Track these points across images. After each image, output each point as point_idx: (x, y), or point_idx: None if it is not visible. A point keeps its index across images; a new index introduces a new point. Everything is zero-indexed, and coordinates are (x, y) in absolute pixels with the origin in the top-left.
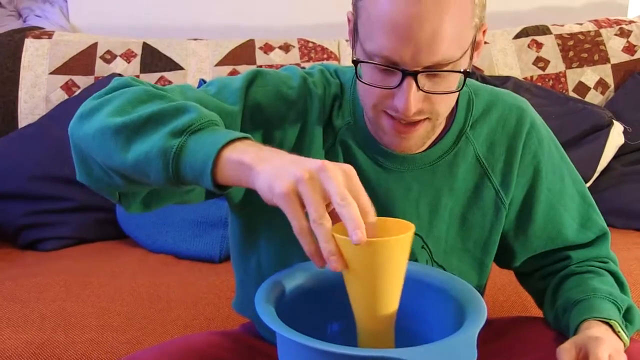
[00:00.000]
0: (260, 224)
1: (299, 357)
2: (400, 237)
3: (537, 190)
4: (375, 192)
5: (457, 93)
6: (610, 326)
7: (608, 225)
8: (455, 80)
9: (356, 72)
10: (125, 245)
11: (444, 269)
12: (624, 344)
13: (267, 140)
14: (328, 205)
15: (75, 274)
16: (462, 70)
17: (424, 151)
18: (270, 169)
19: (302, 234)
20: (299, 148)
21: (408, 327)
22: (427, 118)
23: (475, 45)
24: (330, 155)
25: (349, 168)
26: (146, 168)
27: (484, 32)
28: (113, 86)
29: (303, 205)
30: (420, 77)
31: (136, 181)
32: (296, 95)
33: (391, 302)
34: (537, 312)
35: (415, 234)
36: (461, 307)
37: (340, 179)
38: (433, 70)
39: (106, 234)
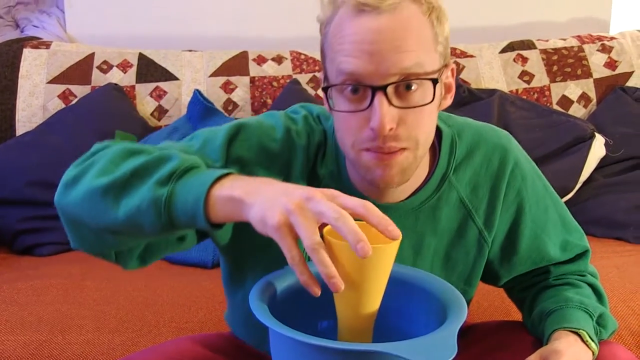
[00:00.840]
0: (246, 265)
1: (290, 352)
2: (388, 245)
3: (522, 225)
4: None
5: (434, 117)
6: (580, 336)
7: (588, 235)
8: (426, 94)
9: (328, 104)
10: None
11: None
12: (593, 352)
13: None
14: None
15: (72, 278)
16: (431, 79)
17: (407, 199)
18: (261, 201)
19: (295, 264)
20: None
21: (393, 325)
22: (405, 149)
23: (447, 88)
24: None
25: (332, 191)
26: (139, 221)
27: (452, 72)
28: (92, 152)
29: (296, 235)
30: (390, 92)
31: (131, 235)
32: (279, 148)
33: (373, 303)
34: (519, 317)
35: None
36: (443, 306)
37: (328, 200)
38: (400, 82)
39: None
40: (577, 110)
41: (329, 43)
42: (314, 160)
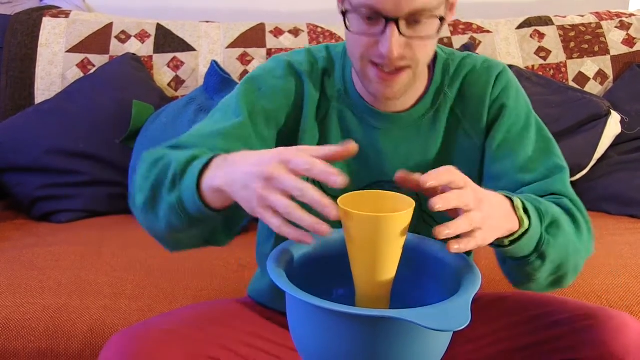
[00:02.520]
0: None
1: (308, 318)
2: (401, 213)
3: (500, 125)
4: (367, 153)
5: (435, 42)
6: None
7: (602, 211)
8: (432, 27)
9: (345, 24)
10: (135, 219)
11: (434, 219)
12: (520, 220)
13: (282, 127)
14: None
15: (89, 244)
16: (438, 16)
17: (407, 110)
18: (238, 190)
19: (281, 231)
20: (298, 126)
21: (408, 294)
22: (408, 66)
23: (449, 5)
24: (325, 125)
25: (285, 156)
26: (175, 224)
27: None
28: (139, 163)
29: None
30: (401, 23)
31: (180, 233)
32: (285, 81)
33: (389, 270)
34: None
35: (410, 188)
36: (457, 275)
37: (286, 173)
38: (412, 17)
39: (118, 207)
40: (594, 88)
41: None
42: (321, 83)
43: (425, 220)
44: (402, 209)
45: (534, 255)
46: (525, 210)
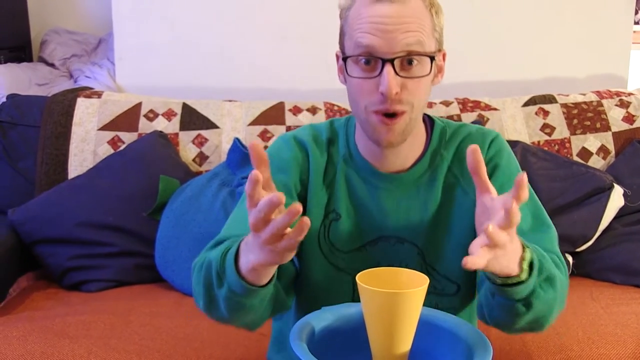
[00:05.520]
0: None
1: None
2: (416, 290)
3: (493, 182)
4: (370, 210)
5: (429, 89)
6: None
7: (608, 281)
8: (423, 71)
9: (346, 70)
10: (162, 289)
11: (437, 272)
12: (520, 270)
13: (300, 192)
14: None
15: (118, 314)
16: (429, 54)
17: (407, 170)
18: (259, 255)
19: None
20: (308, 190)
21: None
22: (404, 111)
23: (438, 68)
24: (333, 188)
25: (251, 225)
26: (236, 310)
27: (444, 57)
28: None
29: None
30: (396, 64)
31: (245, 311)
32: (292, 152)
33: (405, 343)
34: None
35: (412, 242)
36: (470, 348)
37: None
38: (404, 56)
39: (145, 277)
40: (596, 162)
41: (349, 24)
42: (327, 151)
43: (429, 272)
44: (417, 285)
45: (522, 302)
46: (531, 265)
